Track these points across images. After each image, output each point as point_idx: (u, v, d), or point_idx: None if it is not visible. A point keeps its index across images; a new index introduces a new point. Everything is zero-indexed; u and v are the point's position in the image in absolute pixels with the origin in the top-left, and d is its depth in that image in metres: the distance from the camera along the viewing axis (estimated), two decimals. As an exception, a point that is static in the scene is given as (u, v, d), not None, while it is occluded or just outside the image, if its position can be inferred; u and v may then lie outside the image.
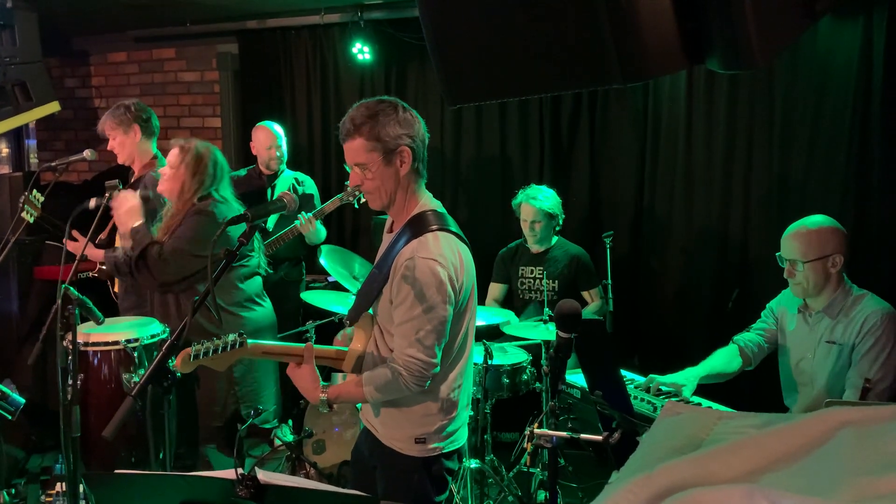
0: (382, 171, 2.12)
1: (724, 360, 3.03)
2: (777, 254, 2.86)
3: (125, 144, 3.76)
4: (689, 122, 4.27)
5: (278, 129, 4.57)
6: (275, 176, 4.57)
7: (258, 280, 3.55)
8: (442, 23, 1.22)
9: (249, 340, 2.16)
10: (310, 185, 4.67)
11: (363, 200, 3.95)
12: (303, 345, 2.24)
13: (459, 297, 2.15)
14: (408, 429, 2.23)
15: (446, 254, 2.11)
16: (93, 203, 3.14)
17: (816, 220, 2.81)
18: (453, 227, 2.22)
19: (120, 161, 3.86)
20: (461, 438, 2.33)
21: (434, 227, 2.15)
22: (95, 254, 3.47)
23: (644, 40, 1.09)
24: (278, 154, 4.52)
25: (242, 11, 5.24)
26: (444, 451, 2.26)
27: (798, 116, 3.95)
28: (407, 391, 2.14)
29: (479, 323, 3.67)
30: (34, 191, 3.59)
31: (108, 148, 3.81)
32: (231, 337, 2.13)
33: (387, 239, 2.31)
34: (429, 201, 2.24)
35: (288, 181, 4.58)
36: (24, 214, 3.53)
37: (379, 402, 2.25)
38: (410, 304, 2.07)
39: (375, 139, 2.09)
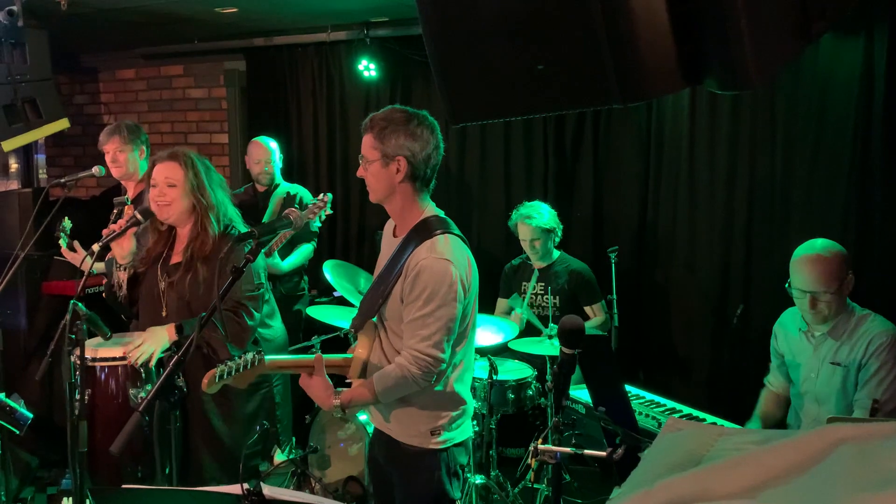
0: (379, 170, 2.28)
1: (771, 407, 3.09)
2: (788, 284, 2.79)
3: (132, 161, 3.89)
4: (691, 139, 4.29)
5: (273, 144, 4.52)
6: (268, 192, 4.52)
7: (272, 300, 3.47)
8: (445, 42, 1.23)
9: (266, 357, 2.25)
10: (306, 198, 4.53)
11: (324, 218, 3.96)
12: (312, 356, 2.33)
13: (467, 296, 2.27)
14: (423, 423, 2.34)
15: (456, 255, 2.25)
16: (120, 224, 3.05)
17: (826, 245, 2.75)
18: (456, 230, 2.35)
19: (119, 175, 3.95)
20: (470, 428, 2.46)
21: (440, 230, 2.28)
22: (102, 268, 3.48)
23: (643, 62, 1.11)
24: (267, 169, 4.48)
25: (250, 29, 5.30)
26: (455, 443, 2.38)
27: (800, 133, 3.96)
28: (416, 386, 2.24)
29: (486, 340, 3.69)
30: (66, 218, 3.78)
31: (109, 161, 3.89)
32: (250, 355, 2.22)
33: (391, 244, 2.41)
34: (432, 209, 2.37)
35: (280, 196, 4.51)
36: (60, 241, 3.74)
37: (391, 402, 2.32)
38: (424, 301, 2.19)
39: (380, 141, 2.26)
